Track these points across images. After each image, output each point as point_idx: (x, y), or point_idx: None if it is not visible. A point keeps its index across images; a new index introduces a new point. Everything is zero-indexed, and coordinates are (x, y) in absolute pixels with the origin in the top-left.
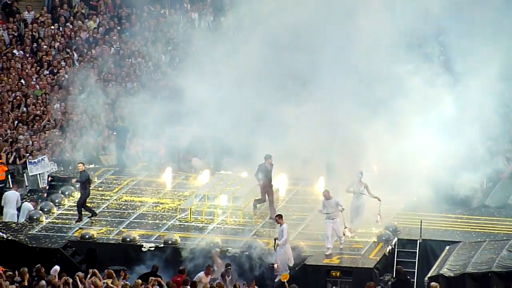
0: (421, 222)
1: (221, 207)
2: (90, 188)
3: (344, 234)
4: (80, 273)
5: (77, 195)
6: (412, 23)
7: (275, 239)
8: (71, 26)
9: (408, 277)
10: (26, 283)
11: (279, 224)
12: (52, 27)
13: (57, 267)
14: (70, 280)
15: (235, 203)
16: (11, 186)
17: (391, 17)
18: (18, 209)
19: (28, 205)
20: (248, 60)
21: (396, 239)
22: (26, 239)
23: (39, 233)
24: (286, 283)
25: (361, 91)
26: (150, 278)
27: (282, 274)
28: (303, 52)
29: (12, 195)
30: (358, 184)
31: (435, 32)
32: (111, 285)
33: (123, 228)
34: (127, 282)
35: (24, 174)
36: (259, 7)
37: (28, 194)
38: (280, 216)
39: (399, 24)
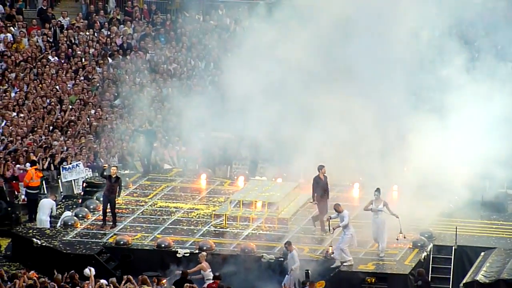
0: (456, 228)
1: (256, 212)
2: (121, 194)
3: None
4: (113, 279)
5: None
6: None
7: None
8: (106, 32)
9: (429, 280)
10: None
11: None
12: (87, 33)
13: (90, 269)
14: (105, 285)
15: (270, 209)
16: (45, 192)
17: (441, 9)
18: (51, 217)
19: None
20: (294, 55)
21: (431, 245)
22: (61, 245)
23: (73, 239)
24: None
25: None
26: (186, 284)
27: (318, 282)
28: (350, 46)
29: (47, 203)
30: (377, 202)
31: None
32: None
33: (158, 234)
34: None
35: (59, 180)
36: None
37: (63, 200)
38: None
39: (448, 15)
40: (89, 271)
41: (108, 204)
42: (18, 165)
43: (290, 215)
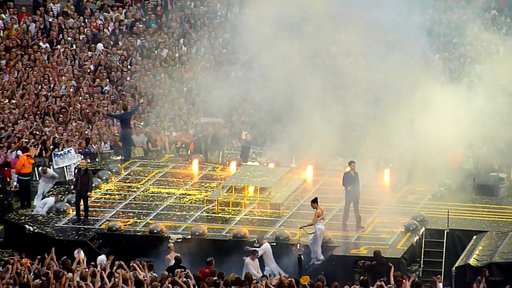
0: (448, 212)
1: (248, 198)
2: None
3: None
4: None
5: (104, 187)
6: None
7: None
8: (96, 18)
9: (388, 263)
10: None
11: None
12: (78, 19)
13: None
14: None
15: (263, 194)
16: (37, 178)
17: None
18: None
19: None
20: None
21: (423, 229)
22: (53, 232)
23: (66, 225)
24: (307, 285)
25: None
26: (176, 270)
27: (302, 277)
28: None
29: (50, 201)
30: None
31: None
32: (140, 278)
33: (150, 219)
34: (155, 274)
35: (51, 167)
36: None
37: (55, 187)
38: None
39: None
40: (78, 252)
41: (81, 198)
42: (10, 151)
43: (282, 200)
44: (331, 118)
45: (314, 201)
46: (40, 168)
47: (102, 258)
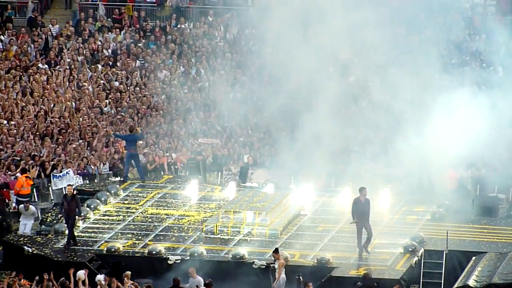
0: (447, 233)
1: (247, 223)
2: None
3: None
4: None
5: (102, 208)
6: None
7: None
8: (96, 40)
9: (375, 283)
10: None
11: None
12: (77, 40)
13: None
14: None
15: (261, 220)
16: (36, 200)
17: None
18: (41, 223)
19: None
20: None
21: (422, 250)
22: (52, 253)
23: (64, 246)
24: None
25: None
26: None
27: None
28: None
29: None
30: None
31: None
32: None
33: (149, 241)
34: None
35: (49, 188)
36: None
37: (53, 208)
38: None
39: None
40: (85, 273)
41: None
42: (9, 172)
43: (281, 225)
44: (330, 138)
45: (276, 251)
46: (22, 205)
47: (100, 277)
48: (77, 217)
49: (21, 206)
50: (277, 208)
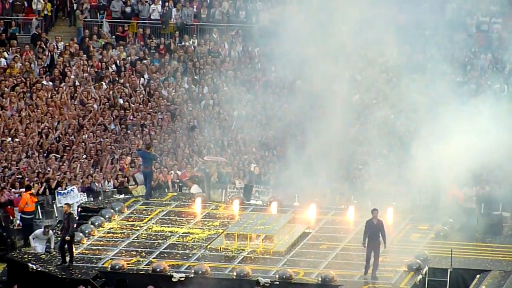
0: (451, 251)
1: (251, 246)
2: (75, 230)
3: None
4: None
5: (106, 225)
6: None
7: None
8: (100, 57)
9: None
10: None
11: None
12: (82, 57)
13: None
14: None
15: (266, 243)
16: (40, 217)
17: None
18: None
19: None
20: None
21: (426, 268)
22: (56, 270)
23: (68, 264)
24: None
25: None
26: None
27: None
28: None
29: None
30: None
31: None
32: None
33: (153, 258)
34: None
35: (54, 205)
36: None
37: (58, 225)
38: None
39: None
40: None
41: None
42: (13, 190)
43: (285, 247)
44: (333, 156)
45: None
46: (40, 230)
47: None
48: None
49: (40, 230)
50: (281, 230)
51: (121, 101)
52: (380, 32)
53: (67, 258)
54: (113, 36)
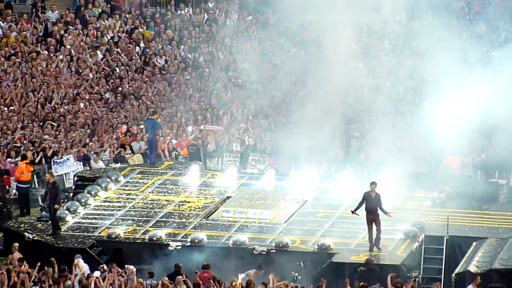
0: (447, 219)
1: (247, 219)
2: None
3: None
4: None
5: (103, 195)
6: None
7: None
8: (95, 26)
9: (378, 268)
10: (50, 283)
11: None
12: (77, 26)
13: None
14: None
15: (262, 216)
16: (36, 186)
17: None
18: (42, 210)
19: None
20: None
21: (423, 235)
22: (52, 239)
23: (65, 233)
24: None
25: None
26: (178, 277)
27: None
28: None
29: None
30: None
31: None
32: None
33: (150, 227)
34: (155, 281)
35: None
36: None
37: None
38: None
39: None
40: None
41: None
42: (9, 159)
43: (282, 222)
44: (331, 124)
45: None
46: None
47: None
48: (56, 206)
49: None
50: (278, 205)
51: (117, 70)
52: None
53: (60, 228)
54: (109, 5)
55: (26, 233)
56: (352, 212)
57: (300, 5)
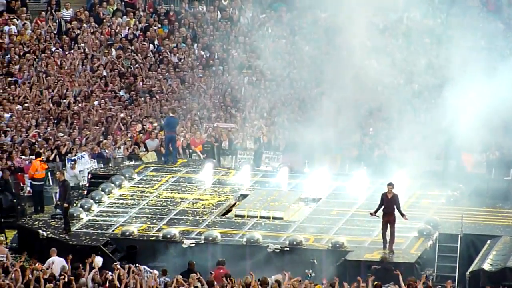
0: (462, 217)
1: (261, 218)
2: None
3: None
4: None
5: (116, 192)
6: None
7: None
8: (109, 24)
9: (393, 267)
10: (66, 280)
11: None
12: (91, 24)
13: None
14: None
15: (275, 215)
16: (51, 184)
17: None
18: (56, 207)
19: None
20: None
21: (437, 233)
22: (67, 237)
23: (79, 230)
24: None
25: None
26: (191, 275)
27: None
28: None
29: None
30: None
31: None
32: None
33: (164, 224)
34: (168, 279)
35: (64, 172)
36: None
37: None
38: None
39: None
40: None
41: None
42: (23, 157)
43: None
44: (345, 122)
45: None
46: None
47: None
48: (65, 204)
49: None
50: (291, 208)
51: (131, 67)
52: None
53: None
54: (123, 3)
55: (40, 231)
56: (371, 214)
57: (315, 2)
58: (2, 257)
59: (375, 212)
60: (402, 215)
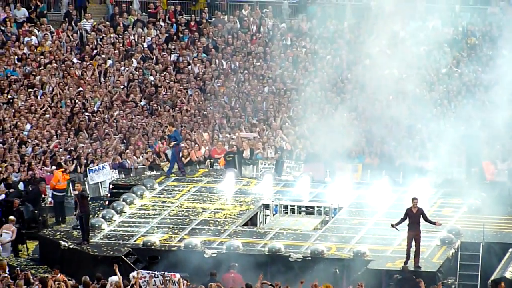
0: (483, 225)
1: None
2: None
3: None
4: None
5: (138, 202)
6: None
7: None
8: (130, 34)
9: (414, 276)
10: None
11: None
12: (112, 35)
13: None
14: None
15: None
16: (72, 194)
17: None
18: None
19: None
20: None
21: (459, 242)
22: (88, 247)
23: (101, 241)
24: None
25: None
26: (211, 284)
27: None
28: None
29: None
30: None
31: None
32: None
33: (185, 234)
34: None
35: (86, 183)
36: None
37: (90, 202)
38: None
39: None
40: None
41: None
42: (45, 168)
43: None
44: (366, 131)
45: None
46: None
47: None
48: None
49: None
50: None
51: (151, 78)
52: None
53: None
54: (144, 13)
55: (62, 241)
56: (392, 225)
57: (334, 12)
58: (7, 233)
59: (396, 224)
60: (434, 223)
